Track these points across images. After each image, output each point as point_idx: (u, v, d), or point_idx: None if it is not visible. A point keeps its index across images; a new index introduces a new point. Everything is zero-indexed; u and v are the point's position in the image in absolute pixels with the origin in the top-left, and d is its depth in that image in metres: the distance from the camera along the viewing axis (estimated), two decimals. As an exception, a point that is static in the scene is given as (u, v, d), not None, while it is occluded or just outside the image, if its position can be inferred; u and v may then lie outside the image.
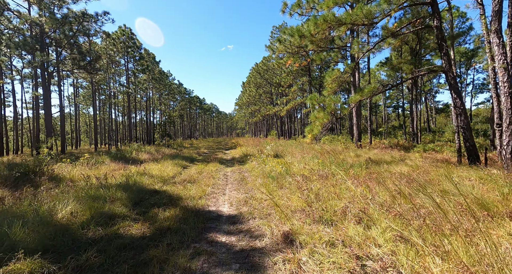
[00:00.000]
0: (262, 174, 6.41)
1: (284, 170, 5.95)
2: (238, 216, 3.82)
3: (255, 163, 8.42)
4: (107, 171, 8.72)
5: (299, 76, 25.07)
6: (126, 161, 11.34)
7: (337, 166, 6.57)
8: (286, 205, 3.80)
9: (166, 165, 9.82)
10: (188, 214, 3.81)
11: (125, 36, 23.38)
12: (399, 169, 5.74)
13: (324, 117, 7.35)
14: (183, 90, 49.80)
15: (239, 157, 13.25)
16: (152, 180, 6.60)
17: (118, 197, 4.60)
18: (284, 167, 6.10)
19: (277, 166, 6.05)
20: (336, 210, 3.22)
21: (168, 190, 5.54)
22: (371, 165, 6.71)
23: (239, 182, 6.71)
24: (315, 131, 7.55)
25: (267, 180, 5.75)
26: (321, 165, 6.98)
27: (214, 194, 5.42)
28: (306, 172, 6.25)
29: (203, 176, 7.62)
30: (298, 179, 4.95)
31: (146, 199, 4.85)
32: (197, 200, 4.70)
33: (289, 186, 4.87)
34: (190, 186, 6.04)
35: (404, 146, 12.52)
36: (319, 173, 5.71)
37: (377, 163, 7.34)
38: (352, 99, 7.33)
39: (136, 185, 5.78)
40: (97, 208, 3.72)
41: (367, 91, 6.50)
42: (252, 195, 4.99)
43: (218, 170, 9.21)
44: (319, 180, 5.21)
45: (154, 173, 7.81)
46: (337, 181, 4.85)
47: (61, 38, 11.96)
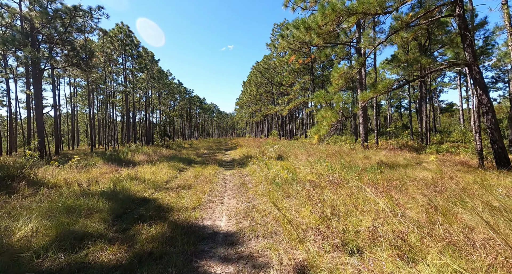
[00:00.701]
0: (265, 179, 5.77)
1: (290, 176, 5.30)
2: (237, 234, 3.17)
3: (257, 167, 7.77)
4: (97, 174, 8.11)
5: (301, 75, 24.40)
6: (120, 162, 10.71)
7: (349, 170, 5.92)
8: (296, 221, 3.15)
9: (162, 168, 9.19)
10: (178, 232, 3.16)
11: (123, 34, 22.77)
12: (420, 174, 5.08)
13: (332, 117, 6.70)
14: (183, 90, 49.20)
15: (239, 159, 12.61)
16: (143, 185, 5.97)
17: (99, 208, 3.96)
18: (290, 171, 5.45)
19: (282, 170, 5.40)
20: (360, 231, 2.57)
21: (158, 198, 4.90)
22: (385, 169, 6.05)
23: (239, 188, 6.07)
24: (322, 132, 6.90)
25: (271, 186, 5.10)
26: (329, 168, 6.33)
27: (210, 203, 4.78)
28: (313, 177, 5.60)
29: (200, 181, 6.98)
30: (307, 187, 4.29)
31: (131, 210, 4.21)
32: (190, 212, 4.05)
33: (297, 195, 4.22)
34: (184, 192, 5.39)
35: (414, 147, 11.84)
36: (329, 179, 5.06)
37: (391, 166, 6.68)
38: (363, 97, 6.67)
39: (124, 192, 5.15)
40: (67, 224, 3.08)
41: (381, 87, 5.84)
42: (254, 205, 4.34)
43: (217, 173, 8.56)
44: (330, 187, 4.56)
45: (146, 177, 7.17)
46: (352, 190, 4.19)
47: (51, 33, 11.33)
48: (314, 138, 7.16)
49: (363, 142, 12.54)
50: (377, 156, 9.74)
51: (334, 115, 6.69)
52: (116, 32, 22.49)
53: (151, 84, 30.97)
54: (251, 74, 35.72)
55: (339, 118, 6.70)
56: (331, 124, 6.87)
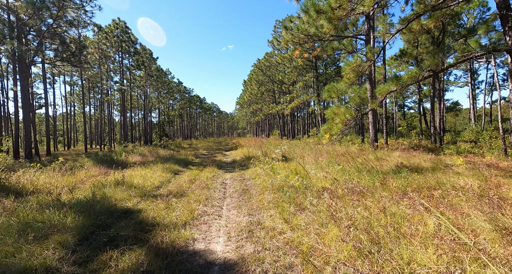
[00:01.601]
0: (271, 187, 4.93)
1: (301, 181, 4.46)
2: (239, 267, 2.34)
3: (261, 170, 6.94)
4: (82, 178, 7.29)
5: (304, 73, 23.56)
6: (112, 164, 9.89)
7: (367, 175, 5.09)
8: (319, 251, 2.31)
9: (155, 170, 8.37)
10: (158, 263, 2.34)
11: (119, 30, 21.97)
12: (459, 181, 4.23)
13: (346, 113, 5.86)
14: (182, 89, 48.42)
15: (240, 160, 11.79)
16: (129, 192, 5.14)
17: (65, 225, 3.14)
18: (300, 176, 4.61)
19: (291, 176, 4.57)
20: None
21: (143, 210, 4.07)
22: (409, 173, 5.21)
23: (240, 195, 5.24)
24: (334, 131, 6.05)
25: (279, 195, 4.27)
26: (344, 173, 5.49)
27: (206, 215, 3.95)
28: (327, 183, 4.77)
29: (195, 186, 6.15)
30: (325, 198, 3.46)
31: (106, 227, 3.38)
32: (179, 229, 3.23)
33: (313, 209, 3.38)
34: (175, 202, 4.56)
35: (428, 148, 10.99)
36: (348, 186, 4.23)
37: (415, 170, 5.84)
38: (382, 90, 5.82)
39: (103, 202, 4.32)
40: (4, 255, 2.25)
41: (407, 78, 4.99)
42: (259, 220, 3.51)
43: (216, 176, 7.73)
44: (351, 197, 3.74)
45: (135, 181, 6.35)
46: (381, 201, 3.36)
47: (37, 24, 10.52)
48: (324, 137, 6.32)
49: (372, 142, 11.69)
50: (391, 157, 8.90)
51: (348, 111, 5.86)
52: (113, 28, 21.69)
53: (149, 83, 30.18)
54: (252, 72, 34.90)
55: (355, 115, 5.86)
56: (344, 122, 6.03)
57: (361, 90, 6.03)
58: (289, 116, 30.49)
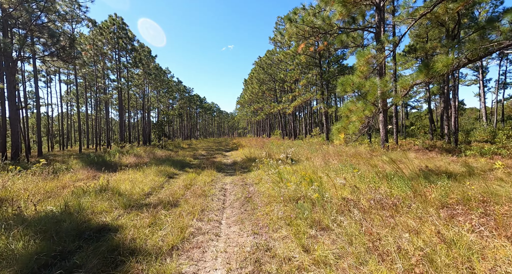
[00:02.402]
0: (280, 196, 4.14)
1: (315, 191, 3.67)
2: None
3: (267, 177, 6.15)
4: (66, 182, 6.52)
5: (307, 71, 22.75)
6: (103, 166, 9.13)
7: (392, 181, 4.30)
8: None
9: (148, 173, 7.61)
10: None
11: (116, 26, 21.21)
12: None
13: (366, 109, 5.08)
14: (182, 88, 47.68)
15: (241, 161, 11.01)
16: (112, 201, 4.36)
17: (14, 253, 2.38)
18: (316, 184, 3.81)
19: (303, 183, 3.77)
20: None
21: (123, 227, 3.29)
22: (439, 179, 4.42)
23: (242, 205, 4.46)
24: (351, 130, 5.27)
25: (290, 207, 3.49)
26: (363, 178, 4.71)
27: (200, 234, 3.17)
28: (346, 191, 3.99)
29: (191, 193, 5.37)
30: (355, 214, 2.67)
31: (67, 255, 2.60)
32: (163, 258, 2.45)
33: (339, 230, 2.59)
34: (165, 215, 3.78)
35: (444, 148, 10.19)
36: (375, 197, 3.45)
37: (445, 174, 5.04)
38: (405, 83, 5.03)
39: (77, 215, 3.55)
40: None
41: (442, 67, 4.18)
42: (268, 243, 2.73)
43: (215, 180, 6.95)
44: (382, 211, 2.96)
45: (123, 187, 5.57)
46: (424, 219, 2.58)
47: (23, 16, 9.76)
48: (338, 138, 5.54)
49: (383, 142, 10.90)
50: (408, 159, 8.10)
51: (368, 107, 5.08)
52: (109, 24, 20.93)
53: (147, 81, 29.43)
54: (253, 71, 34.12)
55: (375, 112, 5.08)
56: (362, 119, 5.25)
57: (382, 82, 5.24)
58: (290, 115, 29.72)
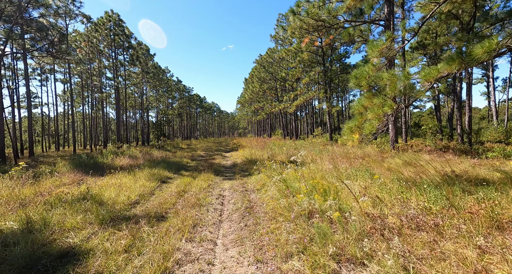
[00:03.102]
0: (287, 209, 3.45)
1: (333, 206, 2.98)
2: None
3: (270, 183, 5.46)
4: (47, 188, 5.86)
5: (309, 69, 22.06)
6: (94, 168, 8.47)
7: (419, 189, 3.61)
8: None
9: (139, 177, 6.94)
10: None
11: (112, 23, 20.55)
12: None
13: (386, 106, 4.40)
14: (182, 88, 47.02)
15: (242, 163, 10.34)
16: (88, 214, 3.69)
17: None
18: (331, 196, 3.12)
19: (316, 195, 3.09)
20: None
21: (91, 252, 2.62)
22: (475, 189, 3.73)
23: (243, 218, 3.78)
24: (366, 129, 4.59)
25: (301, 226, 2.81)
26: (384, 186, 4.02)
27: (188, 262, 2.49)
28: (366, 203, 3.31)
29: (184, 202, 4.70)
30: (395, 245, 1.99)
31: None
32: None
33: (374, 265, 1.91)
34: (148, 232, 3.11)
35: (459, 149, 9.50)
36: (407, 213, 2.77)
37: (475, 181, 4.36)
38: (430, 75, 4.34)
39: (39, 234, 2.89)
40: None
41: (483, 53, 3.48)
42: (276, 280, 2.06)
43: (212, 186, 6.28)
44: (420, 232, 2.29)
45: (107, 194, 4.90)
46: (490, 251, 1.91)
47: (6, 7, 9.09)
48: (351, 138, 4.86)
49: (393, 143, 10.20)
50: (423, 161, 7.41)
51: (388, 103, 4.40)
52: (105, 21, 20.27)
53: (145, 80, 28.77)
54: (253, 69, 33.44)
55: (396, 109, 4.40)
56: (380, 117, 4.57)
57: (404, 75, 4.55)
58: (292, 115, 29.06)
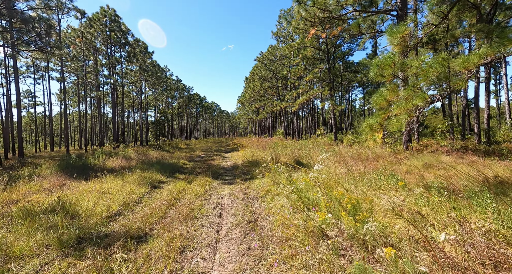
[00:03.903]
0: (302, 227, 2.69)
1: (374, 233, 2.21)
2: None
3: (277, 190, 4.69)
4: (24, 193, 5.13)
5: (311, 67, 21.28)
6: (81, 171, 7.74)
7: (466, 200, 2.85)
8: None
9: (128, 181, 6.19)
10: None
11: (108, 18, 19.82)
12: None
13: (417, 98, 3.66)
14: (181, 87, 46.27)
15: (242, 165, 9.58)
16: (50, 232, 2.94)
17: None
18: (363, 214, 2.36)
19: (343, 213, 2.32)
20: None
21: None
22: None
23: (245, 237, 3.03)
24: (393, 127, 3.84)
25: (323, 249, 2.04)
26: (419, 196, 3.25)
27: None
28: (400, 220, 2.55)
29: (174, 213, 3.94)
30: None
31: None
32: None
33: None
34: (119, 262, 2.36)
35: (478, 149, 8.72)
36: (473, 240, 2.01)
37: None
38: (471, 61, 3.58)
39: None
40: None
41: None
42: None
43: (209, 192, 5.52)
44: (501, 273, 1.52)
45: (84, 204, 4.15)
46: None
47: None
48: (373, 137, 4.11)
49: (406, 142, 9.42)
50: (444, 164, 6.64)
51: (420, 95, 3.64)
52: (100, 16, 19.54)
53: (144, 78, 28.03)
54: (254, 67, 32.67)
55: (429, 101, 3.64)
56: (411, 112, 3.82)
57: (437, 60, 3.79)
58: (294, 114, 28.30)
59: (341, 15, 9.76)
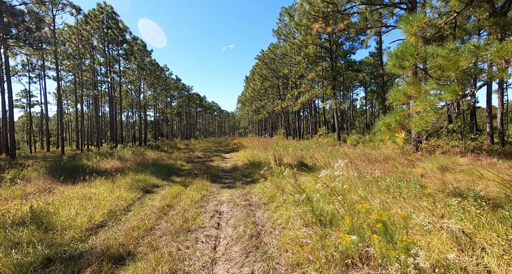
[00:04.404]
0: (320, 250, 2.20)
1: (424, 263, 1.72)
2: None
3: (283, 197, 4.18)
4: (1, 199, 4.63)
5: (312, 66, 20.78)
6: (71, 173, 7.24)
7: None
8: None
9: (119, 185, 5.70)
10: None
11: (105, 15, 19.33)
12: None
13: (447, 92, 3.16)
14: (181, 86, 45.77)
15: (243, 166, 9.08)
16: (11, 252, 2.45)
17: None
18: (404, 242, 1.87)
19: (374, 236, 1.84)
20: None
21: None
22: None
23: (247, 256, 2.53)
24: (418, 126, 3.35)
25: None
26: (452, 207, 2.75)
27: None
28: (448, 246, 2.06)
29: (166, 223, 3.45)
30: None
31: None
32: None
33: None
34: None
35: (495, 151, 8.22)
36: None
37: None
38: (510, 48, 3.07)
39: None
40: None
41: None
42: None
43: (206, 197, 5.02)
44: None
45: (64, 213, 3.67)
46: None
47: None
48: (392, 137, 3.62)
49: (416, 143, 8.91)
50: (460, 166, 6.14)
51: (450, 88, 3.15)
52: (97, 13, 19.04)
53: (142, 77, 27.53)
54: (255, 66, 32.17)
55: (461, 94, 3.14)
56: (438, 109, 3.32)
57: (468, 49, 3.30)
58: (294, 114, 27.80)
59: (346, 9, 9.25)
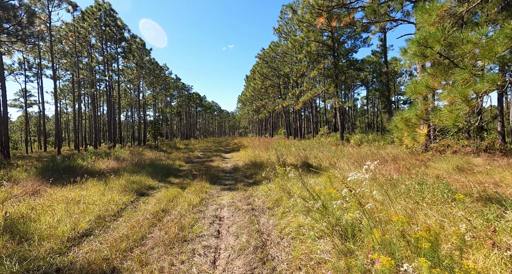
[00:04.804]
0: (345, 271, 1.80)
1: None
2: None
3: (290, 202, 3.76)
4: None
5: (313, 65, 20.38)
6: (65, 174, 6.84)
7: None
8: None
9: (112, 187, 5.30)
10: None
11: (102, 12, 18.93)
12: None
13: (482, 82, 2.76)
14: (180, 86, 45.36)
15: (244, 167, 8.67)
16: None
17: None
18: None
19: (422, 260, 1.46)
20: None
21: None
22: None
23: (252, 273, 2.14)
24: (448, 120, 2.95)
25: None
26: (488, 216, 2.35)
27: None
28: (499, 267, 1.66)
29: (160, 231, 3.04)
30: None
31: None
32: None
33: None
34: None
35: (509, 150, 7.81)
36: None
37: None
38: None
39: None
40: None
41: None
42: None
43: (205, 201, 4.61)
44: None
45: (46, 220, 3.27)
46: None
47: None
48: (412, 135, 3.23)
49: (436, 141, 8.50)
50: (476, 167, 5.73)
51: (486, 78, 2.75)
52: (94, 10, 18.65)
53: (141, 76, 27.14)
54: (255, 65, 31.77)
55: (500, 84, 2.73)
56: (471, 101, 2.91)
57: (504, 33, 2.87)
58: (295, 113, 27.39)
59: (352, 2, 8.85)
